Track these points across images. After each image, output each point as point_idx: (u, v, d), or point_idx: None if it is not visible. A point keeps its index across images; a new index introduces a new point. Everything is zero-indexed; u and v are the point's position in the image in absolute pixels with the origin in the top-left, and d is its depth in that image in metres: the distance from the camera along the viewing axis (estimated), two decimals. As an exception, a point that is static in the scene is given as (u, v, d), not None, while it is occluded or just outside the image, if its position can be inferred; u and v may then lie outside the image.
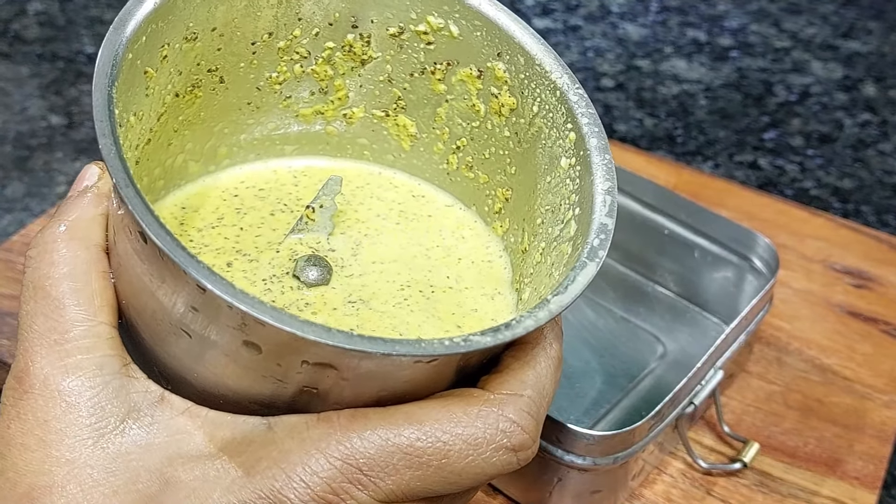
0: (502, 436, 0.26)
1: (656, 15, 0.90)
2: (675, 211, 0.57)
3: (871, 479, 0.50)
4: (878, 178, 0.73)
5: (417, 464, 0.26)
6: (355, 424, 0.26)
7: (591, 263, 0.30)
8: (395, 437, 0.26)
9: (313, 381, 0.27)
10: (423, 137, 0.38)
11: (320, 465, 0.25)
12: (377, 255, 0.35)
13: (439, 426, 0.26)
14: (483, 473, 0.26)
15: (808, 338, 0.58)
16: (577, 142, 0.33)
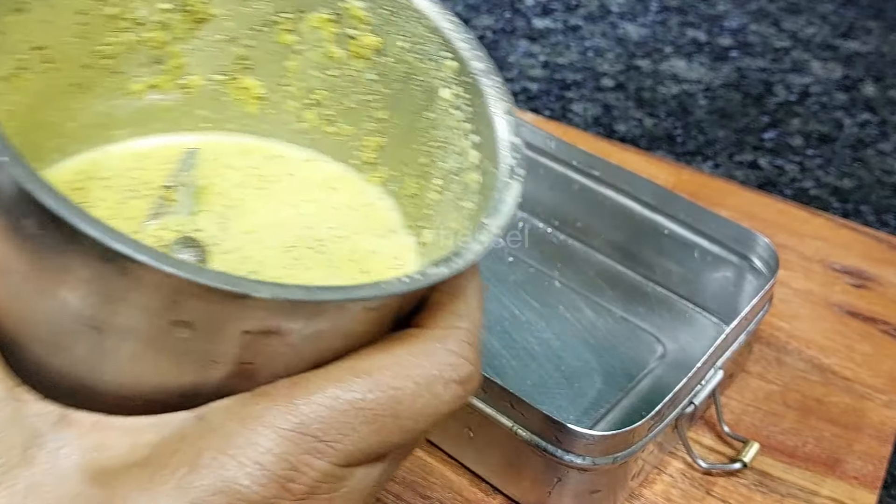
0: (450, 369, 0.25)
1: (656, 15, 0.90)
2: (674, 211, 0.57)
3: (871, 478, 0.50)
4: (877, 177, 0.73)
5: (373, 416, 0.24)
6: (298, 391, 0.24)
7: (513, 182, 0.28)
8: (345, 393, 0.24)
9: (251, 355, 0.24)
10: (271, 98, 0.35)
11: (270, 441, 0.23)
12: (249, 225, 0.32)
13: (388, 373, 0.24)
14: (437, 413, 0.25)
15: (807, 338, 0.58)
16: (458, 69, 0.31)
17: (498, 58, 0.83)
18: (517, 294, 0.59)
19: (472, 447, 0.48)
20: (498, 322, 0.57)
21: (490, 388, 0.45)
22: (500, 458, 0.47)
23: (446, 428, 0.49)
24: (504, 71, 0.81)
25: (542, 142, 0.61)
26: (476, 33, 0.86)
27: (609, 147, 0.70)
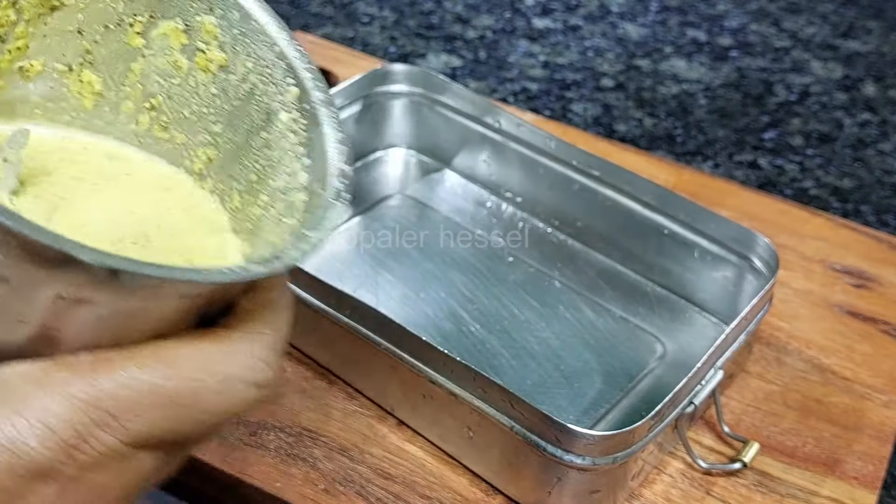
0: (251, 373, 0.26)
1: (656, 15, 0.90)
2: (674, 211, 0.57)
3: (871, 479, 0.50)
4: (877, 177, 0.73)
5: (168, 403, 0.25)
6: (99, 365, 0.25)
7: (338, 204, 0.30)
8: (145, 376, 0.25)
9: (60, 322, 0.24)
10: (109, 95, 0.35)
11: (63, 407, 0.24)
12: (78, 219, 0.32)
13: (191, 364, 0.25)
14: (231, 410, 0.26)
15: (807, 338, 0.58)
16: (299, 96, 0.33)
17: (498, 58, 0.83)
18: (517, 294, 0.59)
19: (473, 447, 0.48)
20: (498, 322, 0.57)
21: (490, 388, 0.45)
22: (500, 458, 0.47)
23: (447, 428, 0.49)
24: (504, 71, 0.81)
25: (542, 142, 0.61)
26: (476, 33, 0.86)
27: (609, 147, 0.70)
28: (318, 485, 0.48)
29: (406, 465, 0.49)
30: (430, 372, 0.48)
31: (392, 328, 0.48)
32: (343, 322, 0.50)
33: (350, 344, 0.51)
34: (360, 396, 0.52)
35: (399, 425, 0.51)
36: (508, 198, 0.64)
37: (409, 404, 0.50)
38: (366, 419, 0.51)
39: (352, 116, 0.65)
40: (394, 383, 0.50)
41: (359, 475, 0.48)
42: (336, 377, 0.53)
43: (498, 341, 0.56)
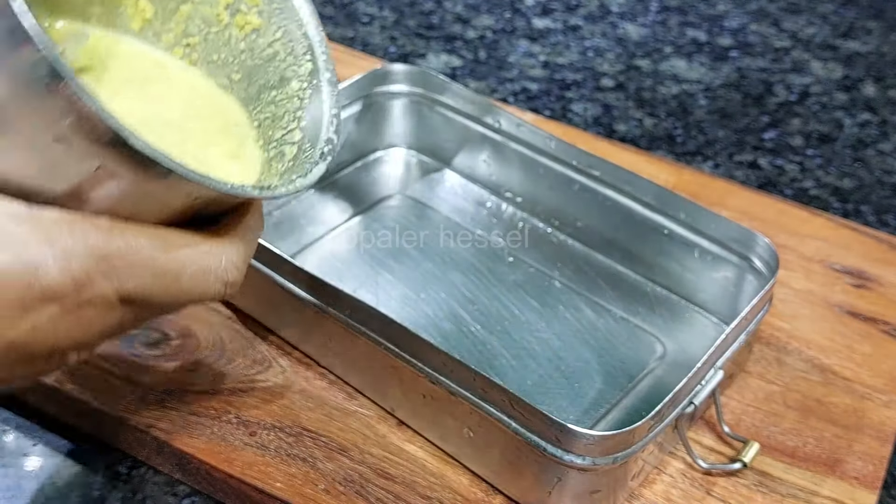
0: (224, 272, 0.33)
1: (656, 15, 0.90)
2: (674, 211, 0.57)
3: (871, 479, 0.50)
4: (877, 177, 0.73)
5: (158, 274, 0.31)
6: (115, 228, 0.30)
7: (322, 163, 0.37)
8: (147, 247, 0.31)
9: (94, 186, 0.30)
10: (155, 25, 0.41)
11: (83, 252, 0.29)
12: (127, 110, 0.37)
13: (185, 250, 0.32)
14: (200, 296, 0.32)
15: (807, 338, 0.58)
16: (312, 72, 0.40)
17: (498, 58, 0.83)
18: (517, 294, 0.59)
19: (473, 447, 0.48)
20: (498, 322, 0.57)
21: (490, 388, 0.45)
22: (500, 458, 0.47)
23: (447, 428, 0.49)
24: (504, 71, 0.81)
25: (542, 142, 0.61)
26: (476, 33, 0.86)
27: (609, 147, 0.70)
28: (318, 485, 0.48)
29: (406, 466, 0.49)
30: (431, 372, 0.48)
31: (392, 328, 0.48)
32: (343, 322, 0.50)
33: (350, 344, 0.51)
34: (360, 396, 0.52)
35: (399, 425, 0.51)
36: (508, 198, 0.64)
37: (409, 404, 0.50)
38: (366, 419, 0.51)
39: (352, 116, 0.65)
40: (394, 383, 0.50)
41: (359, 475, 0.48)
42: (336, 377, 0.53)
43: (498, 341, 0.56)
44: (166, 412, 0.51)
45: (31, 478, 0.50)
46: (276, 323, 0.55)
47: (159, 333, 0.55)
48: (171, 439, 0.49)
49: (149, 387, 0.52)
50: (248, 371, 0.53)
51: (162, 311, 0.33)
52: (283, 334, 0.55)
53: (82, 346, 0.31)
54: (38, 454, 0.51)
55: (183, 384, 0.52)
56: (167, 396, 0.51)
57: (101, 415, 0.51)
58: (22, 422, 0.53)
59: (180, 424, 0.50)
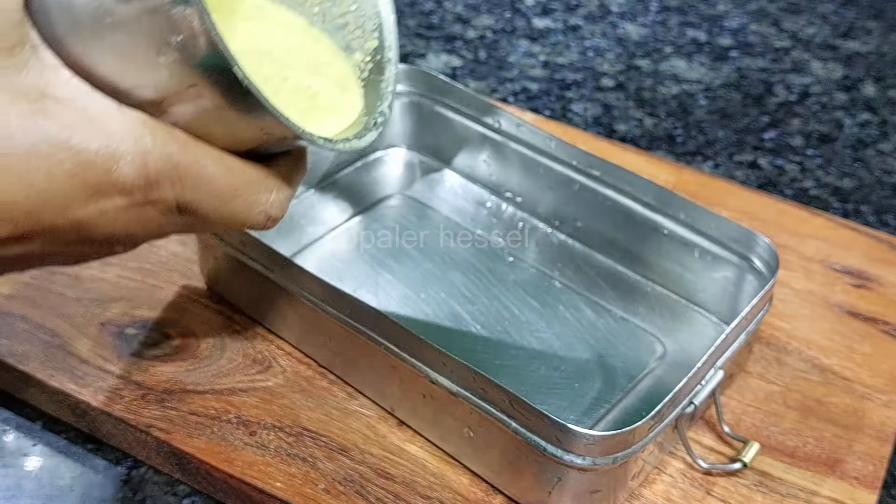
0: (271, 206, 0.35)
1: (656, 15, 0.90)
2: (674, 211, 0.57)
3: (871, 479, 0.50)
4: (877, 177, 0.73)
5: (214, 192, 0.33)
6: (190, 143, 0.33)
7: (375, 131, 0.40)
8: (212, 167, 0.33)
9: (179, 100, 0.32)
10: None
11: (159, 156, 0.31)
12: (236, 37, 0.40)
13: (244, 179, 0.34)
14: (243, 223, 0.35)
15: (807, 338, 0.58)
16: (376, 48, 0.42)
17: (498, 57, 0.83)
18: (517, 294, 0.59)
19: (473, 447, 0.48)
20: (498, 322, 0.57)
21: (490, 388, 0.45)
22: (500, 457, 0.47)
23: (447, 428, 0.49)
24: (504, 71, 0.81)
25: (542, 142, 0.61)
26: (476, 33, 0.86)
27: (609, 147, 0.70)
28: (319, 484, 0.48)
29: (406, 465, 0.49)
30: (430, 372, 0.48)
31: (392, 328, 0.48)
32: (343, 322, 0.50)
33: (350, 344, 0.51)
34: (361, 396, 0.52)
35: (399, 425, 0.51)
36: (508, 198, 0.64)
37: (409, 404, 0.50)
38: (366, 419, 0.51)
39: (352, 116, 0.65)
40: (394, 383, 0.50)
41: (359, 475, 0.48)
42: (336, 377, 0.53)
43: (498, 341, 0.56)
44: (166, 412, 0.51)
45: (31, 478, 0.50)
46: (276, 323, 0.55)
47: (159, 333, 0.55)
48: (172, 439, 0.49)
49: (149, 387, 0.52)
50: (248, 371, 0.53)
51: (206, 227, 0.35)
52: (284, 334, 0.55)
53: (131, 241, 0.33)
54: (38, 454, 0.51)
55: (183, 384, 0.52)
56: (167, 396, 0.51)
57: (102, 415, 0.51)
58: (22, 422, 0.53)
59: (180, 424, 0.50)
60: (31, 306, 0.56)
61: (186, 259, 0.59)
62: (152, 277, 0.58)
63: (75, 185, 0.30)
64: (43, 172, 0.30)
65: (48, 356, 0.53)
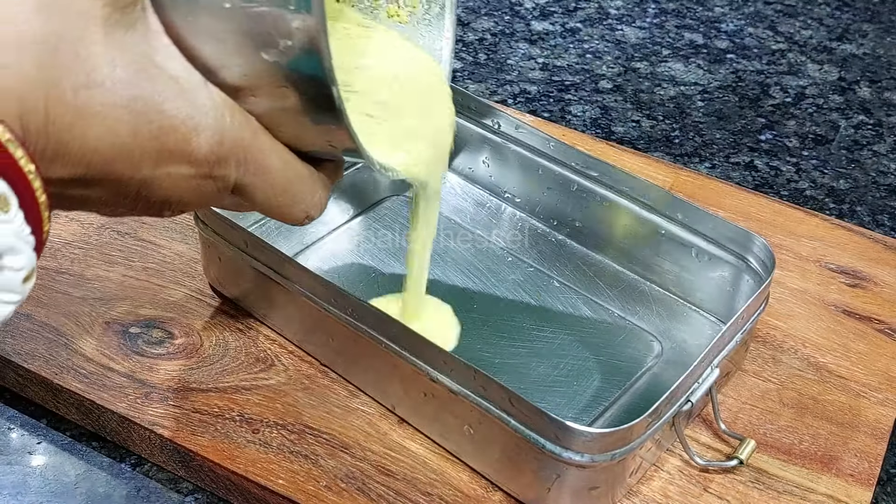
0: (311, 207, 0.37)
1: (653, 18, 0.91)
2: (672, 211, 0.58)
3: (867, 476, 0.51)
4: (872, 178, 0.74)
5: (270, 184, 0.35)
6: (260, 133, 0.34)
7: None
8: (274, 160, 0.35)
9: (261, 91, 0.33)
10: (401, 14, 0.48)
11: (232, 134, 0.33)
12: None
13: (297, 176, 0.36)
14: (284, 216, 0.37)
15: (803, 336, 0.58)
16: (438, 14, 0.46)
17: (497, 60, 0.83)
18: (517, 294, 0.60)
19: (472, 444, 0.49)
20: (498, 321, 0.58)
21: (489, 385, 0.46)
22: (499, 455, 0.48)
23: (447, 425, 0.49)
24: (503, 73, 0.82)
25: (541, 143, 0.62)
26: (476, 35, 0.87)
27: (607, 148, 0.71)
28: (320, 481, 0.48)
29: (407, 462, 0.50)
30: (431, 370, 0.48)
31: (393, 327, 0.49)
32: (344, 321, 0.51)
33: (352, 343, 0.51)
34: (362, 394, 0.53)
35: (400, 423, 0.52)
36: (508, 198, 0.65)
37: (409, 402, 0.51)
38: (367, 417, 0.52)
39: (352, 118, 0.65)
40: (395, 381, 0.51)
41: (360, 472, 0.49)
42: (338, 375, 0.54)
43: (497, 340, 0.57)
44: (170, 410, 0.51)
45: (35, 475, 0.50)
46: (278, 322, 0.56)
47: (163, 332, 0.55)
48: (175, 437, 0.50)
49: (153, 385, 0.52)
50: (251, 369, 0.54)
51: (250, 209, 0.37)
52: (286, 333, 0.56)
53: (181, 208, 0.35)
54: (43, 452, 0.52)
55: (187, 382, 0.53)
56: (171, 394, 0.52)
57: (106, 413, 0.51)
58: (27, 420, 0.53)
59: (184, 422, 0.51)
60: (37, 305, 0.56)
61: (190, 259, 0.60)
62: (156, 277, 0.59)
63: (154, 146, 0.32)
64: (130, 127, 0.31)
65: (53, 355, 0.53)
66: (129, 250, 0.60)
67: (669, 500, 0.49)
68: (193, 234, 0.60)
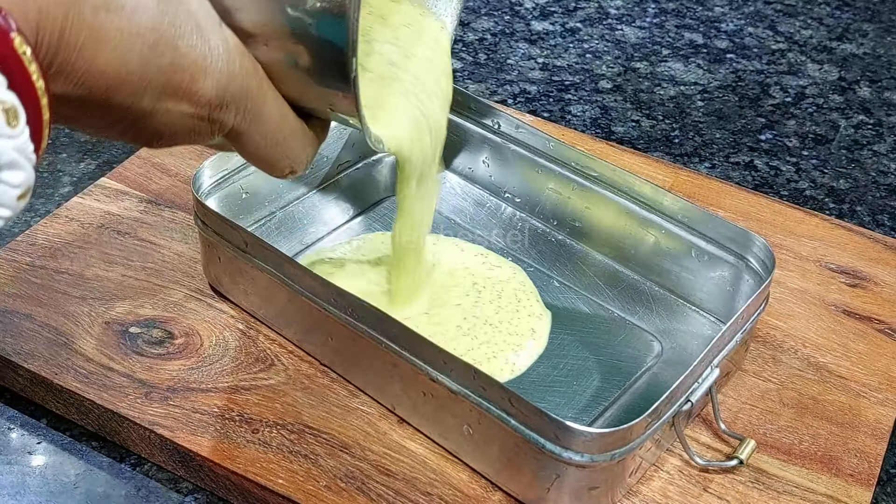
0: (296, 163, 0.38)
1: (653, 18, 0.91)
2: (671, 211, 0.58)
3: (866, 476, 0.51)
4: (872, 178, 0.74)
5: (264, 134, 0.36)
6: (265, 82, 0.35)
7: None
8: (274, 112, 0.35)
9: (279, 47, 0.33)
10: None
11: (239, 80, 0.33)
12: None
13: (291, 130, 0.37)
14: (270, 167, 0.38)
15: (803, 336, 0.58)
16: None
17: (497, 60, 0.83)
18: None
19: (472, 444, 0.49)
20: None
21: (489, 385, 0.46)
22: (499, 454, 0.48)
23: (447, 425, 0.49)
24: (503, 73, 0.82)
25: (541, 143, 0.62)
26: (476, 35, 0.87)
27: (607, 148, 0.71)
28: (320, 481, 0.48)
29: (407, 462, 0.50)
30: (430, 370, 0.48)
31: (393, 327, 0.49)
32: (344, 321, 0.51)
33: (351, 342, 0.51)
34: (361, 394, 0.53)
35: (400, 423, 0.52)
36: (508, 198, 0.65)
37: (409, 402, 0.51)
38: (367, 417, 0.52)
39: (352, 118, 0.65)
40: (394, 381, 0.51)
41: (360, 472, 0.49)
42: (337, 375, 0.54)
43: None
44: (170, 410, 0.51)
45: (35, 475, 0.50)
46: (278, 322, 0.56)
47: (163, 332, 0.55)
48: (175, 437, 0.50)
49: (152, 385, 0.52)
50: (251, 369, 0.54)
51: (238, 153, 0.38)
52: (285, 333, 0.56)
53: (172, 142, 0.35)
54: (43, 451, 0.52)
55: (186, 382, 0.53)
56: (171, 394, 0.52)
57: (106, 412, 0.51)
58: (27, 419, 0.53)
59: (183, 422, 0.51)
60: (36, 305, 0.56)
61: (190, 259, 0.60)
62: (156, 277, 0.59)
63: (160, 80, 0.32)
64: (140, 57, 0.31)
65: (53, 354, 0.53)
66: (129, 250, 0.60)
67: (669, 500, 0.49)
68: (193, 234, 0.60)
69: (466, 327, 0.55)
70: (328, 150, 0.65)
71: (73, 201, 0.63)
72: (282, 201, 0.63)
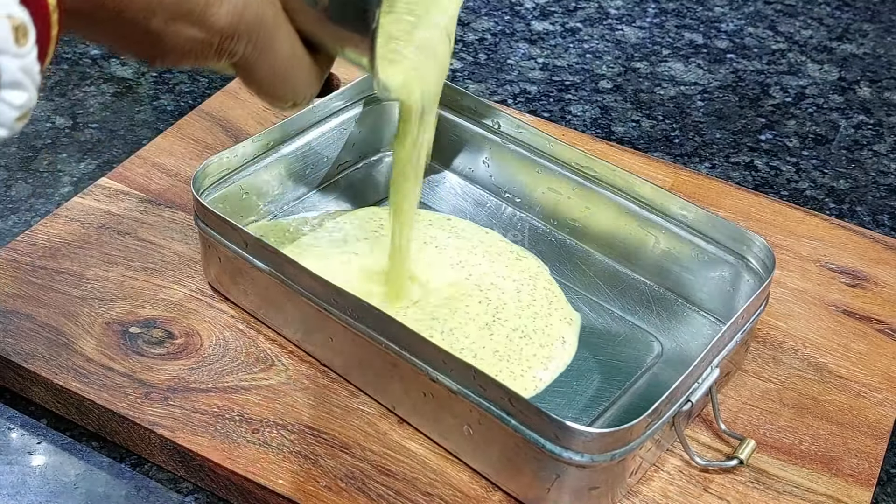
0: (300, 97, 0.39)
1: (653, 18, 0.91)
2: (672, 211, 0.58)
3: (867, 476, 0.51)
4: (872, 178, 0.74)
5: (272, 66, 0.36)
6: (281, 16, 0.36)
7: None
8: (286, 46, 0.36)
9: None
10: None
11: (254, 11, 0.34)
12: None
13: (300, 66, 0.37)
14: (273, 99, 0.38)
15: (803, 336, 0.58)
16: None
17: (497, 60, 0.83)
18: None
19: (473, 444, 0.49)
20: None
21: (489, 385, 0.46)
22: (499, 455, 0.48)
23: (447, 425, 0.49)
24: (503, 73, 0.82)
25: (542, 143, 0.62)
26: (476, 35, 0.87)
27: (607, 148, 0.71)
28: (320, 481, 0.48)
29: (407, 463, 0.50)
30: (431, 370, 0.48)
31: (393, 327, 0.49)
32: (344, 321, 0.51)
33: (351, 342, 0.51)
34: (362, 394, 0.53)
35: (400, 423, 0.52)
36: (508, 198, 0.65)
37: (409, 402, 0.51)
38: (367, 417, 0.52)
39: (353, 118, 0.65)
40: (395, 381, 0.51)
41: (360, 472, 0.49)
42: (337, 375, 0.54)
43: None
44: (170, 410, 0.51)
45: (35, 475, 0.50)
46: (278, 322, 0.56)
47: (163, 332, 0.55)
48: (175, 437, 0.50)
49: (153, 385, 0.52)
50: (251, 369, 0.54)
51: (243, 81, 0.37)
52: (286, 333, 0.56)
53: (176, 63, 0.35)
54: (43, 452, 0.52)
55: (186, 382, 0.53)
56: (171, 394, 0.52)
57: (106, 413, 0.51)
58: (27, 419, 0.53)
59: (184, 422, 0.51)
60: (36, 305, 0.56)
61: (190, 259, 0.60)
62: (156, 277, 0.59)
63: (174, 2, 0.32)
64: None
65: (53, 355, 0.53)
66: (129, 250, 0.60)
67: (669, 500, 0.49)
68: (193, 234, 0.60)
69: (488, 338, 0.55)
70: (328, 150, 0.65)
71: (73, 201, 0.63)
72: (282, 201, 0.63)
